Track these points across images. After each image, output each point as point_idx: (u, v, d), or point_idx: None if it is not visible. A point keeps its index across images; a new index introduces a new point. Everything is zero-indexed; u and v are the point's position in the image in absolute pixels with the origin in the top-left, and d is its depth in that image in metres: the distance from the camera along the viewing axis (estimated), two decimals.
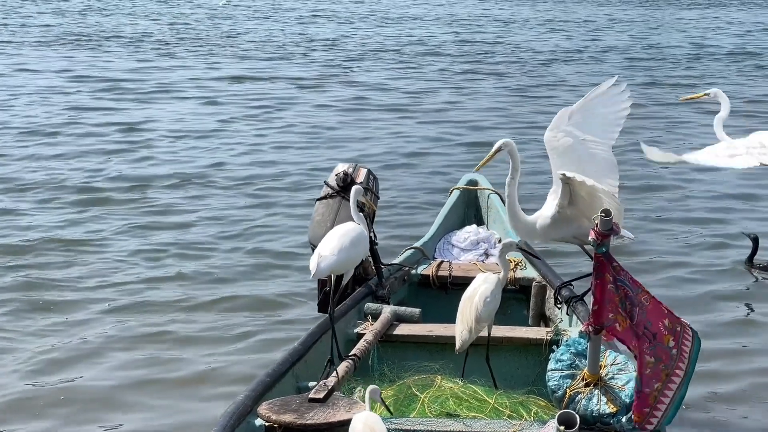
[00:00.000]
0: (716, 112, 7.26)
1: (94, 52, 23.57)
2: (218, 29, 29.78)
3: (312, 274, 5.08)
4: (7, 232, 9.89)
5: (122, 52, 23.79)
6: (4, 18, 31.67)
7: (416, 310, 5.98)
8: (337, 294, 5.35)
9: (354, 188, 5.64)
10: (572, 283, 6.03)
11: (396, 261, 6.76)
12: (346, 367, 5.05)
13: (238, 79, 19.81)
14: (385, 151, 13.70)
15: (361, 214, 5.60)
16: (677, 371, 4.35)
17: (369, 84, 19.52)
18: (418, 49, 25.35)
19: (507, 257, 6.93)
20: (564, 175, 5.53)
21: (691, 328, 4.38)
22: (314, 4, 40.74)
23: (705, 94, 7.57)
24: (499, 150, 5.78)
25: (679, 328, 4.32)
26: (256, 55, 23.76)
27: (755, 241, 9.18)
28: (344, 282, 5.31)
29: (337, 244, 5.12)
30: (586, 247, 5.67)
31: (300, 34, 28.66)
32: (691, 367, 4.38)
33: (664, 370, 4.34)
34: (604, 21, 34.79)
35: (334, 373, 4.93)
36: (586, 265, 5.00)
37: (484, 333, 5.24)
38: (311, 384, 4.94)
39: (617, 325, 4.43)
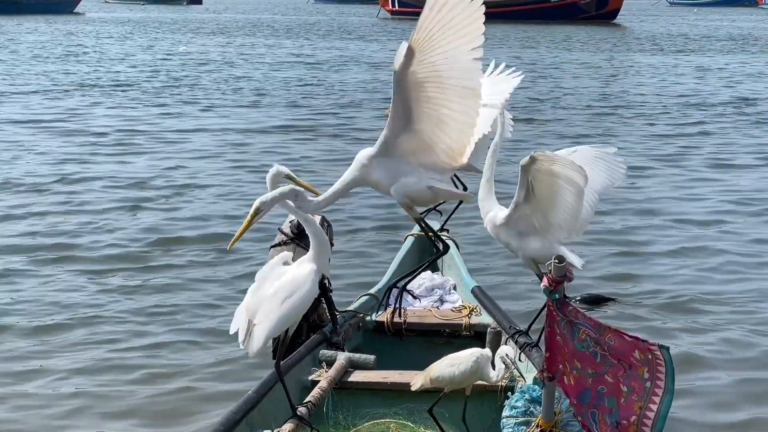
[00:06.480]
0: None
1: (59, 102, 23.26)
2: (177, 76, 29.72)
3: (249, 354, 4.84)
4: None
5: (86, 100, 23.48)
6: None
7: (371, 357, 5.97)
8: (284, 345, 5.15)
9: (271, 170, 5.41)
10: (526, 329, 6.04)
11: (351, 308, 6.74)
12: (300, 415, 5.02)
13: (195, 131, 19.52)
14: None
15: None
16: (651, 405, 4.16)
17: (332, 133, 19.46)
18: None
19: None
20: (531, 156, 4.81)
21: (661, 347, 4.12)
22: (275, 50, 40.92)
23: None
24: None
25: (650, 356, 4.14)
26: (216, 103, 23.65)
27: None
28: (290, 332, 5.07)
29: (269, 307, 4.85)
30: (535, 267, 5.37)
31: (261, 80, 28.72)
32: (671, 383, 4.11)
33: (637, 402, 4.19)
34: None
35: (289, 422, 4.89)
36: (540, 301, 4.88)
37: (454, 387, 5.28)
38: None
39: (565, 378, 4.43)
